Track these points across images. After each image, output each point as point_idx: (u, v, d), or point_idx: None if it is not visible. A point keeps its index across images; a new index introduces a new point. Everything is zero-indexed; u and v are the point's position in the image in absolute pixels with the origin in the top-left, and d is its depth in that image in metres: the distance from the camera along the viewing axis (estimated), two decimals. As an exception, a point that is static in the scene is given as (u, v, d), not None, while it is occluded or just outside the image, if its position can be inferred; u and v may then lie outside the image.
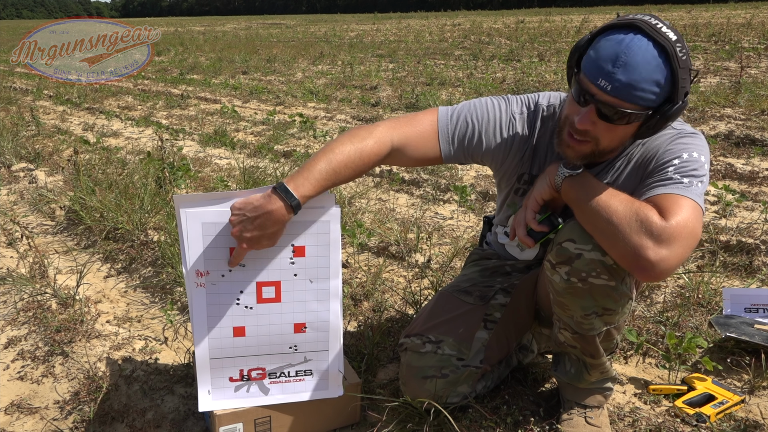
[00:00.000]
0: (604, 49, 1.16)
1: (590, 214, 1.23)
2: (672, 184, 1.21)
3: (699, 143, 1.27)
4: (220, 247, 1.32)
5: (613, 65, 1.14)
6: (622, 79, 1.13)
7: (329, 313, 1.43)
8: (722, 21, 17.24)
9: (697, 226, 1.16)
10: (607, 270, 1.25)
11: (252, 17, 54.34)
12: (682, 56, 1.14)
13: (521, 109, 1.45)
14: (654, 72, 1.13)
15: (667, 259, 1.13)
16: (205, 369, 1.40)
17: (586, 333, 1.38)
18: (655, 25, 1.14)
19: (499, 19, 27.37)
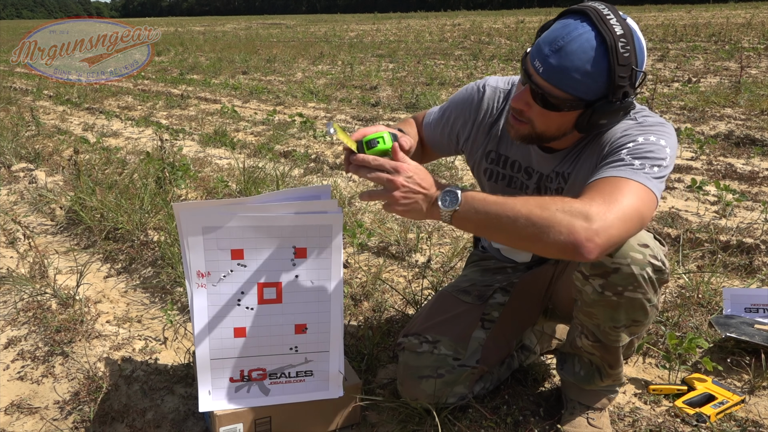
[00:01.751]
0: (550, 31, 1.17)
1: (506, 225, 1.10)
2: (621, 166, 1.16)
3: (663, 130, 1.23)
4: (221, 248, 1.32)
5: (550, 48, 1.14)
6: (554, 63, 1.13)
7: (330, 315, 1.43)
8: (722, 21, 17.24)
9: (635, 208, 1.10)
10: (645, 283, 1.24)
11: (252, 17, 54.34)
12: (624, 53, 1.11)
13: (497, 83, 1.46)
14: (587, 62, 1.12)
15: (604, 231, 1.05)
16: (205, 369, 1.40)
17: (611, 344, 1.37)
18: (605, 16, 1.12)
19: (499, 19, 27.37)
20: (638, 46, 1.14)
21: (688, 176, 3.54)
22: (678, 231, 2.68)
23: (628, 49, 1.11)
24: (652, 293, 1.26)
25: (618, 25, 1.12)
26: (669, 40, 12.57)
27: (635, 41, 1.13)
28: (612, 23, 1.11)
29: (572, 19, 1.15)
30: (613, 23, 1.12)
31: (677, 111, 5.41)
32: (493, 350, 1.56)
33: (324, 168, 4.11)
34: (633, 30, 1.14)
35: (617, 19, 1.12)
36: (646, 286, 1.24)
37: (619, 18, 1.13)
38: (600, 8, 1.14)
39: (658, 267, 1.24)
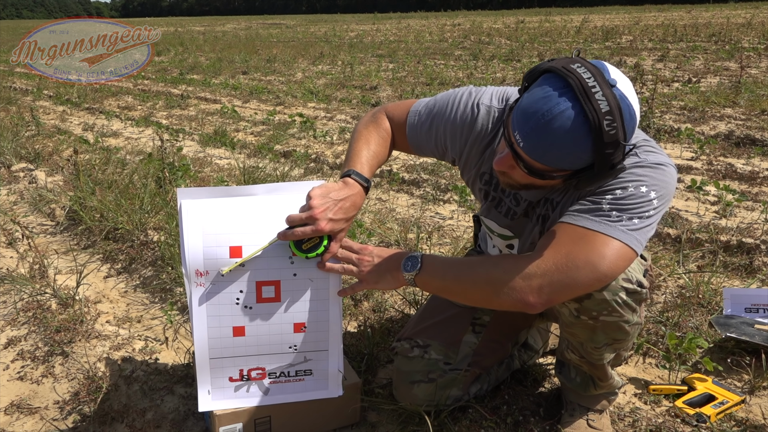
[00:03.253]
0: (532, 98, 1.07)
1: (460, 290, 1.23)
2: (596, 217, 1.12)
3: (656, 176, 1.15)
4: (219, 245, 1.32)
5: (530, 124, 1.05)
6: (534, 140, 1.06)
7: (329, 313, 1.43)
8: (722, 21, 17.24)
9: (592, 265, 1.09)
10: (619, 307, 1.24)
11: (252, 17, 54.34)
12: (610, 131, 1.01)
13: (490, 101, 1.37)
14: (570, 142, 1.03)
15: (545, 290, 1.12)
16: (204, 369, 1.39)
17: (595, 362, 1.38)
18: (590, 89, 1.01)
19: (499, 19, 27.37)
20: (627, 118, 1.03)
21: (688, 176, 3.54)
22: (678, 231, 2.68)
23: (614, 126, 1.01)
24: (629, 314, 1.26)
25: (604, 100, 1.00)
26: (669, 40, 12.57)
27: (623, 114, 1.02)
28: (597, 98, 1.00)
29: (554, 88, 1.04)
30: (598, 98, 1.00)
31: (677, 111, 5.41)
32: (487, 353, 1.56)
33: (324, 168, 4.11)
34: (622, 98, 1.03)
35: (603, 92, 1.01)
36: (620, 309, 1.24)
37: (605, 89, 1.01)
38: (585, 78, 1.02)
39: (633, 290, 1.23)
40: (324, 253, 1.31)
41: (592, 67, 1.04)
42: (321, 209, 1.26)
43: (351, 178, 1.35)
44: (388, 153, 1.50)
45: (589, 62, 1.06)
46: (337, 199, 1.29)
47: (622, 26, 17.86)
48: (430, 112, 1.44)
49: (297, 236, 1.28)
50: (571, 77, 1.02)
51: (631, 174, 1.14)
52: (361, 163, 1.39)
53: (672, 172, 1.18)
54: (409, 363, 1.52)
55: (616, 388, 1.51)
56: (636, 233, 1.12)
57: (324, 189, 1.30)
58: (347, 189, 1.32)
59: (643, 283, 1.25)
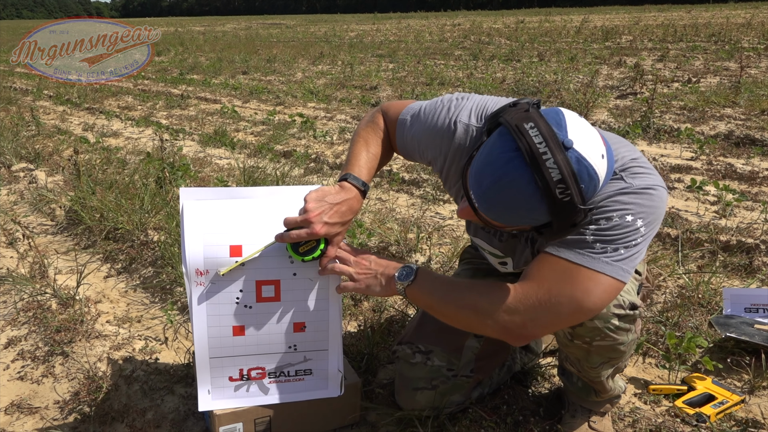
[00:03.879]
0: (485, 160, 1.02)
1: (446, 310, 1.23)
2: (580, 249, 1.09)
3: (643, 203, 1.10)
4: (220, 244, 1.32)
5: (483, 188, 1.02)
6: (488, 205, 1.04)
7: (329, 313, 1.43)
8: (722, 21, 17.25)
9: (575, 300, 1.08)
10: (612, 333, 1.24)
11: (252, 17, 54.34)
12: (564, 198, 0.96)
13: (468, 118, 1.30)
14: (524, 209, 1.00)
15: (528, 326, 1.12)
16: (204, 368, 1.40)
17: (593, 378, 1.40)
18: (541, 156, 0.95)
19: (499, 19, 27.37)
20: (585, 180, 0.97)
21: (688, 176, 3.54)
22: (678, 231, 2.68)
23: (568, 194, 0.96)
24: (623, 336, 1.26)
25: (555, 168, 0.94)
26: (669, 40, 12.57)
27: (579, 179, 0.97)
28: (549, 165, 0.94)
29: (505, 151, 0.99)
30: (549, 165, 0.94)
31: (677, 111, 5.41)
32: (489, 358, 1.56)
33: (324, 168, 4.11)
34: (579, 161, 0.96)
35: (555, 158, 0.95)
36: (613, 334, 1.25)
37: (558, 154, 0.95)
38: (536, 143, 0.96)
39: (624, 315, 1.24)
40: (321, 257, 1.31)
41: (545, 126, 0.98)
42: (316, 212, 1.26)
43: (348, 182, 1.34)
44: (388, 153, 1.48)
45: (545, 118, 1.00)
46: (333, 203, 1.28)
47: (622, 26, 17.86)
48: (415, 121, 1.39)
49: (293, 239, 1.28)
50: (522, 141, 0.97)
51: (615, 202, 1.10)
52: (359, 167, 1.38)
53: (661, 195, 1.13)
54: (411, 369, 1.51)
55: (616, 395, 1.50)
56: (622, 263, 1.09)
57: (320, 192, 1.29)
58: (344, 193, 1.31)
59: (636, 303, 1.25)
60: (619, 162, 1.14)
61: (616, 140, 1.21)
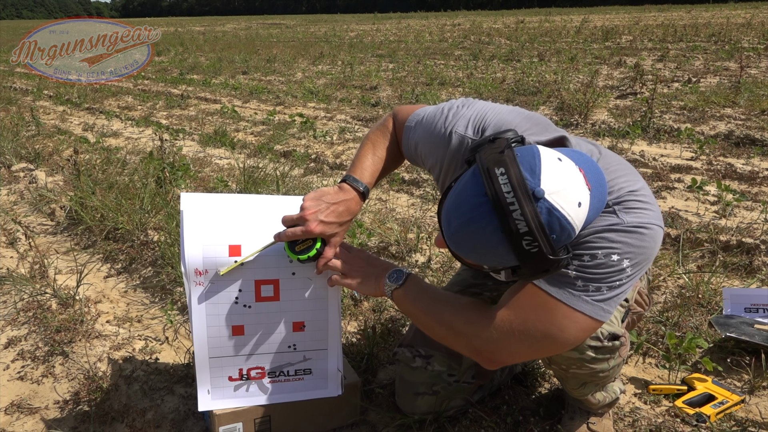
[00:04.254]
0: (456, 200, 1.00)
1: (425, 322, 1.25)
2: (561, 284, 1.07)
3: (632, 242, 1.06)
4: (219, 244, 1.32)
5: (452, 228, 1.00)
6: (457, 245, 1.02)
7: (328, 312, 1.43)
8: (722, 21, 17.24)
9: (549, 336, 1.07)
10: (589, 363, 1.25)
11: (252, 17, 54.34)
12: (531, 249, 0.93)
13: (465, 130, 1.25)
14: (491, 253, 0.98)
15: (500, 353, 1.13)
16: (204, 368, 1.40)
17: (578, 397, 1.41)
18: (508, 206, 0.91)
19: (499, 19, 27.37)
20: (556, 232, 0.94)
21: (688, 176, 3.54)
22: (678, 231, 2.68)
23: (536, 245, 0.92)
24: (601, 365, 1.27)
25: (522, 221, 0.91)
26: (669, 40, 12.57)
27: (549, 231, 0.93)
28: (515, 217, 0.91)
29: (475, 195, 0.96)
30: (516, 216, 0.91)
31: (677, 111, 5.41)
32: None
33: (324, 168, 4.11)
34: (549, 212, 0.92)
35: (522, 210, 0.90)
36: (590, 364, 1.25)
37: (526, 205, 0.91)
38: (504, 192, 0.92)
39: (600, 347, 1.24)
40: (317, 257, 1.31)
41: (516, 173, 0.92)
42: (312, 210, 1.26)
43: (347, 183, 1.34)
44: (398, 157, 1.45)
45: (518, 164, 0.94)
46: (330, 203, 1.29)
47: (622, 26, 17.86)
48: (418, 127, 1.36)
49: (288, 237, 1.28)
50: (490, 188, 0.93)
51: (603, 239, 1.06)
52: (361, 169, 1.37)
53: (653, 235, 1.09)
54: (412, 373, 1.50)
55: (613, 398, 1.48)
56: (603, 303, 1.07)
57: (318, 192, 1.30)
58: (342, 194, 1.31)
59: (618, 334, 1.24)
60: (614, 194, 1.10)
61: (618, 168, 1.16)
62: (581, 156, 1.03)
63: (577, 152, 1.05)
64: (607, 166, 1.15)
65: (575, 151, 1.07)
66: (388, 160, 1.42)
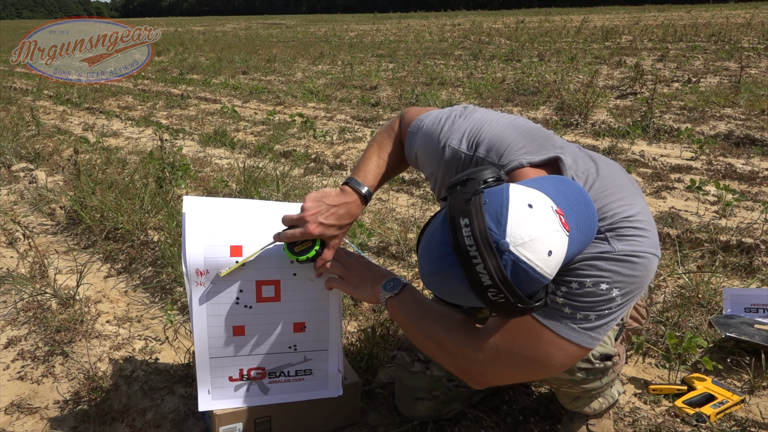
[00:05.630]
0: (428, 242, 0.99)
1: (415, 335, 1.24)
2: (548, 309, 1.05)
3: (624, 273, 1.04)
4: (220, 244, 1.32)
5: (424, 271, 0.99)
6: (431, 287, 1.00)
7: (329, 313, 1.43)
8: (722, 21, 17.24)
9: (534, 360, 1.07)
10: (579, 383, 1.25)
11: (252, 17, 54.35)
12: (498, 299, 0.91)
13: (459, 144, 1.23)
14: (462, 298, 0.97)
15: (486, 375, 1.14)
16: (204, 368, 1.40)
17: (573, 410, 1.41)
18: (472, 261, 0.89)
19: (499, 19, 27.37)
20: (523, 283, 0.91)
21: (688, 176, 3.54)
22: (678, 231, 2.68)
23: (502, 296, 0.90)
24: (593, 383, 1.27)
25: (485, 274, 0.88)
26: (669, 40, 12.56)
27: (514, 283, 0.90)
28: (478, 270, 0.89)
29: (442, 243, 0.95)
30: (479, 270, 0.89)
31: (677, 111, 5.41)
32: None
33: (324, 168, 4.11)
34: (515, 264, 0.89)
35: (485, 264, 0.88)
36: (580, 384, 1.26)
37: (489, 259, 0.88)
38: (467, 245, 0.89)
39: (591, 368, 1.24)
40: (316, 258, 1.31)
41: (480, 225, 0.89)
42: (312, 212, 1.25)
43: (349, 186, 1.32)
44: (404, 160, 1.43)
45: (483, 214, 0.90)
46: (331, 205, 1.28)
47: (621, 26, 17.86)
48: (418, 134, 1.34)
49: (287, 238, 1.28)
50: (454, 239, 0.91)
51: (592, 267, 1.03)
52: (364, 172, 1.36)
53: (646, 264, 1.06)
54: (411, 378, 1.50)
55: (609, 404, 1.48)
56: (591, 331, 1.05)
57: (319, 194, 1.29)
58: (343, 196, 1.30)
59: (610, 354, 1.24)
60: (608, 220, 1.06)
61: (615, 191, 1.11)
62: (566, 187, 0.99)
63: (563, 182, 1.00)
64: (603, 189, 1.10)
65: (560, 181, 1.01)
66: (393, 163, 1.40)
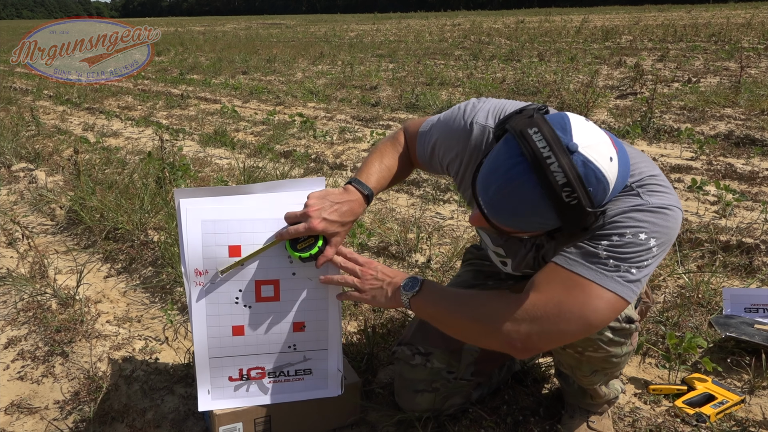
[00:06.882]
0: (491, 166, 1.03)
1: (451, 322, 1.22)
2: (592, 264, 1.07)
3: (658, 222, 1.08)
4: (219, 245, 1.32)
5: (489, 194, 1.03)
6: (496, 211, 1.04)
7: (328, 313, 1.43)
8: (722, 21, 17.24)
9: (583, 317, 1.07)
10: (605, 345, 1.25)
11: (252, 17, 54.34)
12: (570, 201, 0.97)
13: (485, 119, 1.29)
14: (531, 212, 1.01)
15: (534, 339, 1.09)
16: (204, 368, 1.40)
17: (586, 386, 1.40)
18: (545, 160, 0.95)
19: (499, 19, 27.37)
20: (592, 184, 0.98)
21: (688, 176, 3.54)
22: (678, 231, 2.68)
23: (575, 197, 0.96)
24: (616, 349, 1.27)
25: (560, 172, 0.95)
26: (669, 40, 12.57)
27: (586, 182, 0.97)
28: (553, 170, 0.95)
29: (510, 156, 1.00)
30: (554, 170, 0.95)
31: (677, 111, 5.41)
32: (489, 360, 1.55)
33: (324, 168, 4.11)
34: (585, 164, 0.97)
35: (559, 163, 0.95)
36: (606, 347, 1.25)
37: (562, 158, 0.95)
38: (540, 147, 0.96)
39: (620, 328, 1.24)
40: (318, 255, 1.31)
41: (549, 131, 0.97)
42: (316, 208, 1.28)
43: (352, 185, 1.36)
44: (405, 168, 1.49)
45: (549, 123, 0.99)
46: (334, 202, 1.31)
47: (622, 26, 17.86)
48: (434, 128, 1.39)
49: (291, 234, 1.29)
50: (525, 146, 0.97)
51: (630, 219, 1.08)
52: (367, 174, 1.39)
53: (676, 216, 1.11)
54: (411, 371, 1.50)
55: (614, 397, 1.49)
56: (632, 284, 1.07)
57: (323, 192, 1.32)
58: (346, 195, 1.33)
59: (633, 318, 1.25)
60: (636, 177, 1.12)
61: (635, 154, 1.18)
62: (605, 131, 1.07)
63: None
64: (627, 152, 1.15)
65: None
66: (395, 169, 1.45)
